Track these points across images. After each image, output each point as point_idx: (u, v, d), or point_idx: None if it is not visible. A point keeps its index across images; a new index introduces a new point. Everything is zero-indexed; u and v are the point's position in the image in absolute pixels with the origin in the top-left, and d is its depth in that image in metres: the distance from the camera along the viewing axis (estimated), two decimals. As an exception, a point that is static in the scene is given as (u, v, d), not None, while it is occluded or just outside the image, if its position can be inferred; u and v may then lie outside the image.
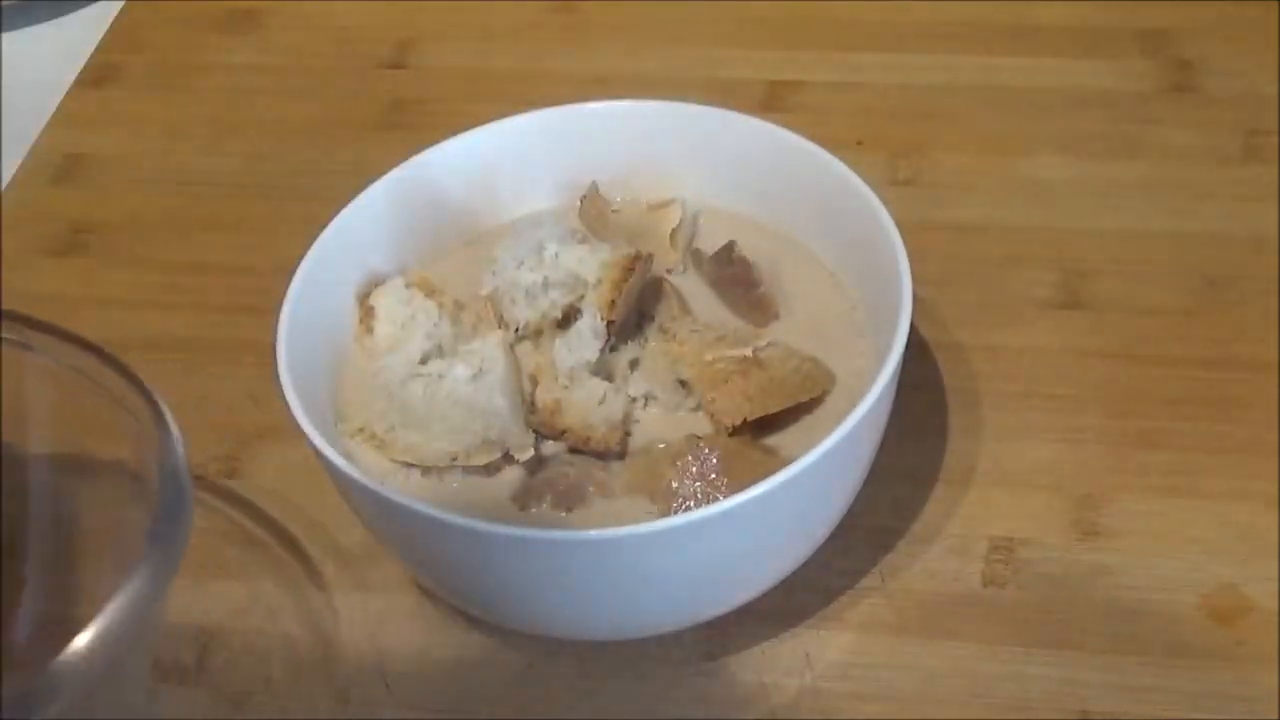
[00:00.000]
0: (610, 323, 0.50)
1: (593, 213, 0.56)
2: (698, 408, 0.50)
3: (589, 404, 0.49)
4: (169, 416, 0.43)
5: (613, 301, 0.50)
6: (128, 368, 0.44)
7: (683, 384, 0.50)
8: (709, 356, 0.49)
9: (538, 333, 0.52)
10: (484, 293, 0.53)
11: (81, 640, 0.38)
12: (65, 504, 0.48)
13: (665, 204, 0.56)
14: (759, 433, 0.49)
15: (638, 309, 0.52)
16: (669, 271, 0.55)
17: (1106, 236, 0.62)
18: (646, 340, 0.52)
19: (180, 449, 0.42)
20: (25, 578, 0.48)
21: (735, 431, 0.48)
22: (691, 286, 0.54)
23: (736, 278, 0.54)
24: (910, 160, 0.66)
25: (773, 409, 0.49)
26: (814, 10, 0.74)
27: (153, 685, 0.50)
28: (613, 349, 0.51)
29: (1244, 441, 0.54)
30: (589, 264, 0.51)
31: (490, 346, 0.50)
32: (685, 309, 0.53)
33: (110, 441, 0.45)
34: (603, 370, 0.50)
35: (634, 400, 0.50)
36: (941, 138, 0.67)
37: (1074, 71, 0.70)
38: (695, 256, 0.55)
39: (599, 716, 0.49)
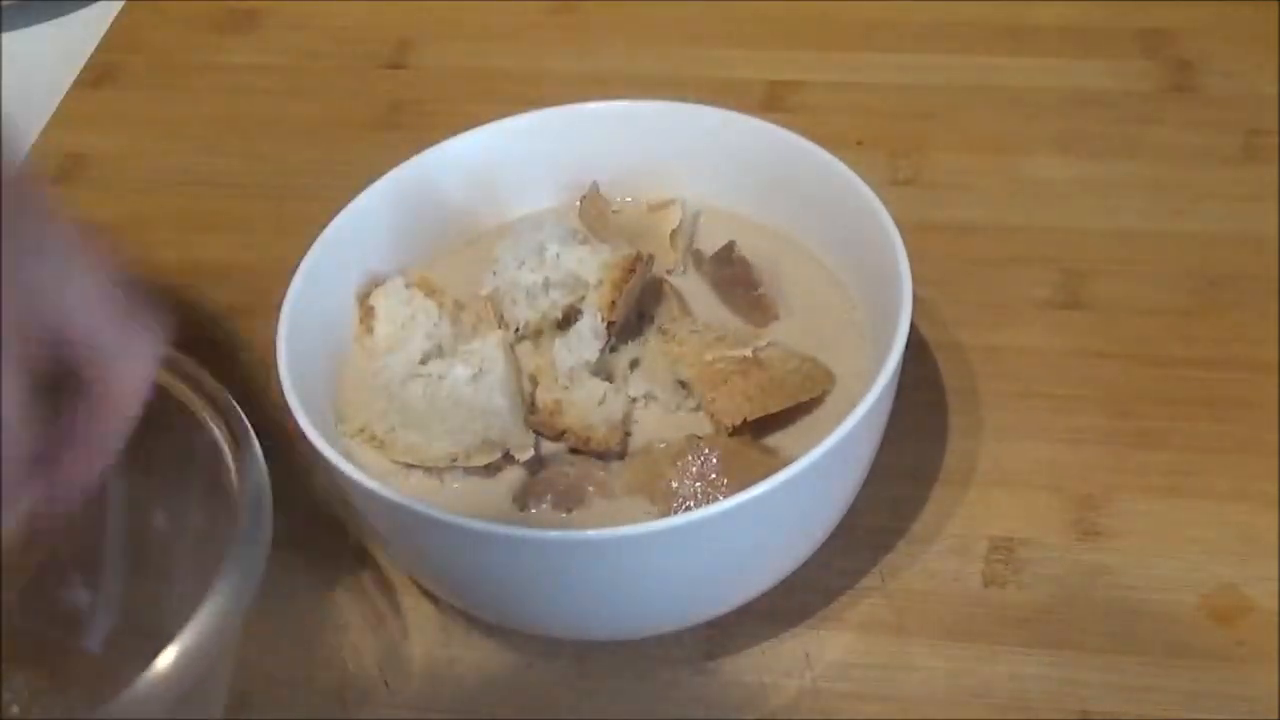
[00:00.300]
0: (610, 323, 0.50)
1: (593, 213, 0.56)
2: (698, 408, 0.50)
3: (589, 404, 0.49)
4: (250, 432, 0.43)
5: (613, 302, 0.50)
6: (207, 379, 0.44)
7: (682, 384, 0.50)
8: (709, 357, 0.49)
9: (538, 333, 0.52)
10: (484, 293, 0.53)
11: (157, 668, 0.38)
12: (139, 513, 0.48)
13: (665, 204, 0.56)
14: (759, 433, 0.49)
15: (637, 309, 0.52)
16: (669, 272, 0.55)
17: (1106, 236, 0.62)
18: (646, 340, 0.52)
19: (262, 469, 0.42)
20: (99, 591, 0.48)
21: (735, 431, 0.48)
22: (691, 286, 0.54)
23: (736, 278, 0.54)
24: (910, 160, 0.66)
25: (772, 409, 0.49)
26: (814, 10, 0.74)
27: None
28: (613, 349, 0.51)
29: (1244, 441, 0.54)
30: (589, 264, 0.51)
31: (490, 346, 0.50)
32: (685, 309, 0.53)
33: (185, 451, 0.45)
34: (603, 370, 0.50)
35: (634, 400, 0.50)
36: (941, 138, 0.67)
37: (1074, 71, 0.70)
38: (695, 257, 0.55)
39: (599, 716, 0.49)
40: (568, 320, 0.51)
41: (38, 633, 0.47)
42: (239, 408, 0.44)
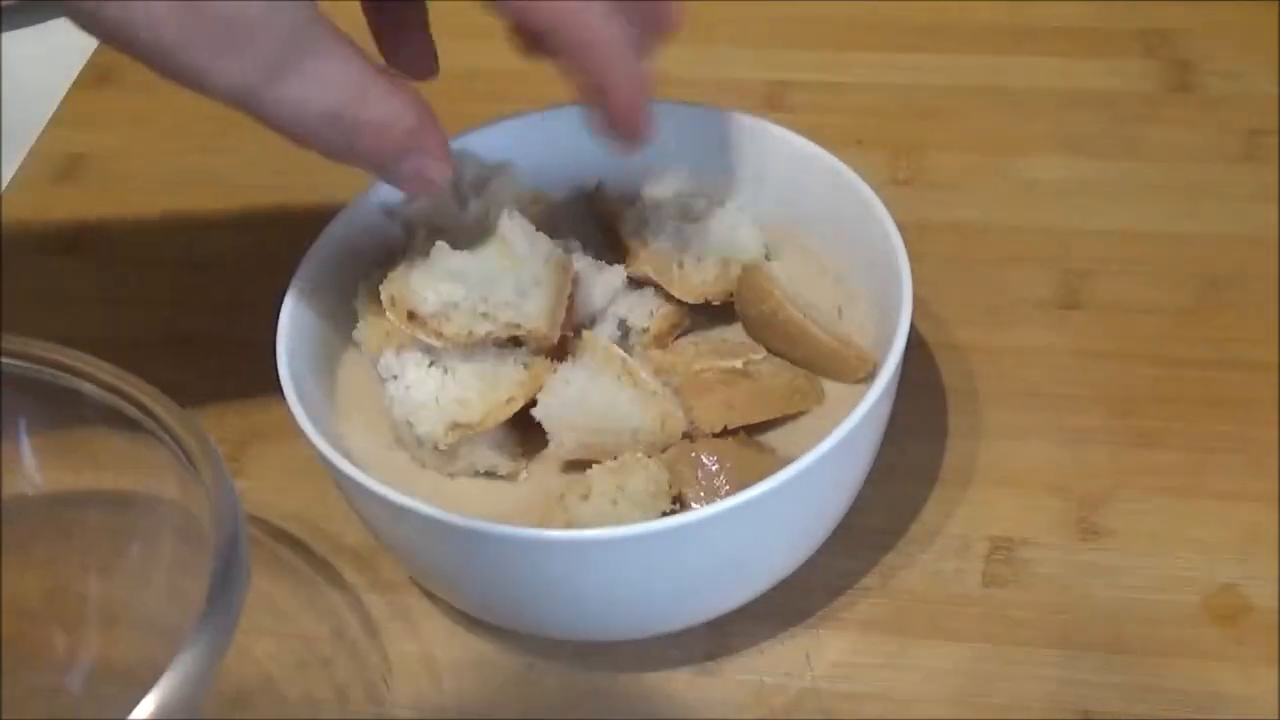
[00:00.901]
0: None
1: (601, 213, 0.56)
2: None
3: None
4: (224, 470, 0.42)
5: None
6: (174, 408, 0.44)
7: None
8: (697, 366, 0.49)
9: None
10: None
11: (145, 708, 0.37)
12: (112, 550, 0.48)
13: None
14: (753, 434, 0.49)
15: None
16: None
17: (1106, 236, 0.62)
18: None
19: (237, 507, 0.42)
20: (81, 631, 0.48)
21: (718, 438, 0.48)
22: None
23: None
24: (910, 160, 0.66)
25: (754, 419, 0.49)
26: (814, 10, 0.74)
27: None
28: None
29: (1244, 441, 0.54)
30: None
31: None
32: (684, 316, 0.53)
33: (161, 481, 0.44)
34: None
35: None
36: (941, 138, 0.67)
37: (1074, 71, 0.70)
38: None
39: (599, 716, 0.49)
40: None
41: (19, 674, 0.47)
42: (210, 438, 0.43)
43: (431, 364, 0.48)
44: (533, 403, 0.48)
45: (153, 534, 0.46)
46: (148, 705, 0.37)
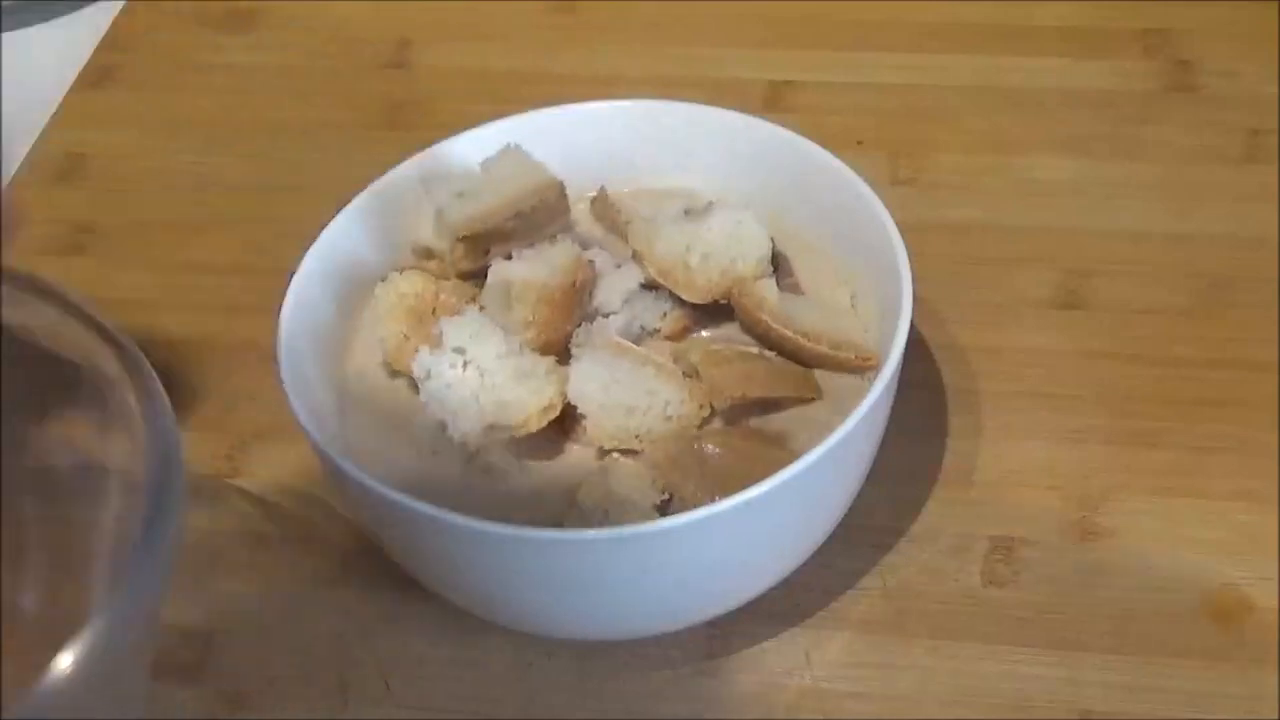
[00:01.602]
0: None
1: (605, 218, 0.56)
2: (701, 407, 0.50)
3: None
4: (165, 403, 0.42)
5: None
6: (131, 349, 0.43)
7: (688, 376, 0.50)
8: (715, 346, 0.50)
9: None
10: None
11: (68, 658, 0.36)
12: (60, 496, 0.47)
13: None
14: (757, 416, 0.49)
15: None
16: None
17: (1106, 236, 0.62)
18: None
19: (176, 443, 0.40)
20: (23, 583, 0.48)
21: (733, 408, 0.48)
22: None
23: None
24: (910, 160, 0.66)
25: (771, 393, 0.49)
26: (814, 10, 0.74)
27: (152, 685, 0.49)
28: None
29: (1244, 441, 0.54)
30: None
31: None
32: (695, 320, 0.53)
33: (104, 428, 0.43)
34: None
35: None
36: (941, 138, 0.67)
37: (1074, 71, 0.70)
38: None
39: (599, 716, 0.49)
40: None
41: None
42: (140, 353, 0.42)
43: (466, 364, 0.48)
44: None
45: (98, 487, 0.45)
46: (69, 655, 0.36)
